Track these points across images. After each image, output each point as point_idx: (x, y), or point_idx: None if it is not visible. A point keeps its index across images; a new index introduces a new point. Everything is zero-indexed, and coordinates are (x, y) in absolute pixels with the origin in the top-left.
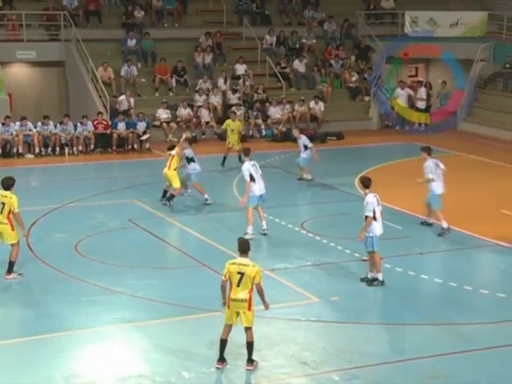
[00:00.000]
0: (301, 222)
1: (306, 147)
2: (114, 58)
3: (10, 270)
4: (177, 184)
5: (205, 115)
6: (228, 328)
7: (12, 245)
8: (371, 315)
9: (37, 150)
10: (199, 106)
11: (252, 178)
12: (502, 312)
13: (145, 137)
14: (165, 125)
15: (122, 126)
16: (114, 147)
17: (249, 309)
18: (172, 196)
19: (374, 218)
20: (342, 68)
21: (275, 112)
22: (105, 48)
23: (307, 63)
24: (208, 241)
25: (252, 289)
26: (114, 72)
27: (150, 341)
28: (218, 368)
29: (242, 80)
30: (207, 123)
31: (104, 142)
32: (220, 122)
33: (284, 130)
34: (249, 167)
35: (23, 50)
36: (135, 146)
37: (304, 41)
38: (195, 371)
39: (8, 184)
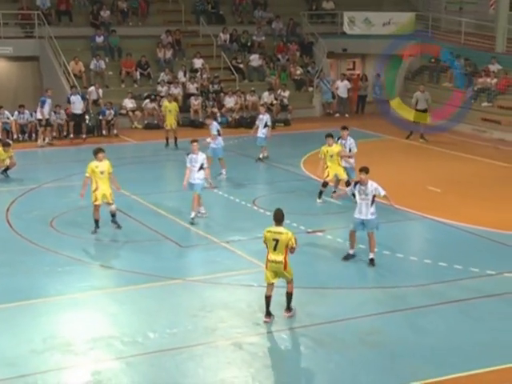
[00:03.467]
0: (253, 199)
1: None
2: (83, 53)
3: None
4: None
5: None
6: (270, 286)
7: None
8: (317, 281)
9: (15, 136)
10: (162, 96)
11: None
12: (430, 275)
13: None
14: (130, 113)
15: (110, 113)
16: (85, 134)
17: (285, 268)
18: None
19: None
20: (288, 62)
21: (230, 101)
22: (75, 44)
23: (258, 58)
24: (171, 217)
25: (287, 252)
26: (84, 66)
27: (118, 306)
28: (265, 322)
29: (199, 73)
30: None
31: (76, 129)
32: (181, 111)
33: (237, 117)
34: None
35: (1, 45)
36: (104, 132)
37: (254, 38)
38: (159, 332)
39: None
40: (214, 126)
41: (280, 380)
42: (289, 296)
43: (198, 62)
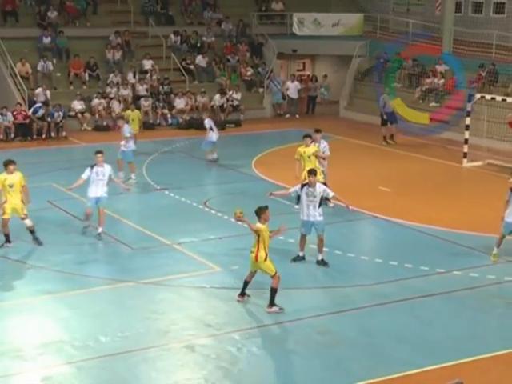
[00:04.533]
0: (204, 201)
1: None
2: (30, 54)
3: None
4: None
5: (116, 106)
6: (250, 273)
7: None
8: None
9: None
10: (111, 98)
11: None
12: (380, 275)
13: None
14: (79, 115)
15: (59, 115)
16: (34, 136)
17: (255, 259)
18: None
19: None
20: (238, 63)
21: (180, 103)
22: (22, 45)
23: (208, 59)
24: (120, 218)
25: (258, 245)
26: (31, 67)
27: (69, 310)
28: (238, 300)
29: (149, 74)
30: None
31: (24, 131)
32: None
33: (188, 118)
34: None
35: None
36: (52, 134)
37: (204, 39)
38: (111, 335)
39: None
40: (126, 129)
41: (233, 381)
42: (272, 291)
43: (147, 64)
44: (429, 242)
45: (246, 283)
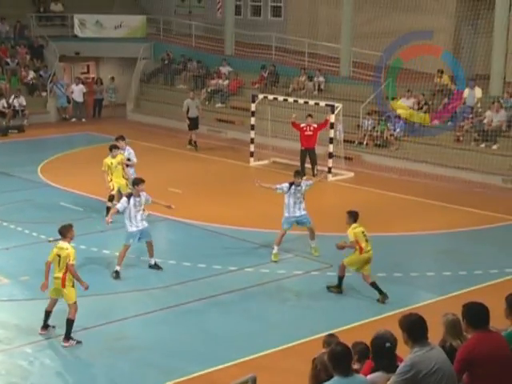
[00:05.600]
0: None
1: None
2: None
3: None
4: None
5: None
6: (52, 301)
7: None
8: None
9: None
10: None
11: None
12: (174, 276)
13: None
14: None
15: None
16: None
17: (62, 286)
18: None
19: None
20: (18, 66)
21: None
22: None
23: None
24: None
25: (66, 269)
26: None
27: None
28: (40, 333)
29: None
30: None
31: None
32: None
33: None
34: None
35: None
36: None
37: None
38: None
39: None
40: None
41: None
42: (69, 323)
43: None
44: (220, 240)
45: (48, 313)
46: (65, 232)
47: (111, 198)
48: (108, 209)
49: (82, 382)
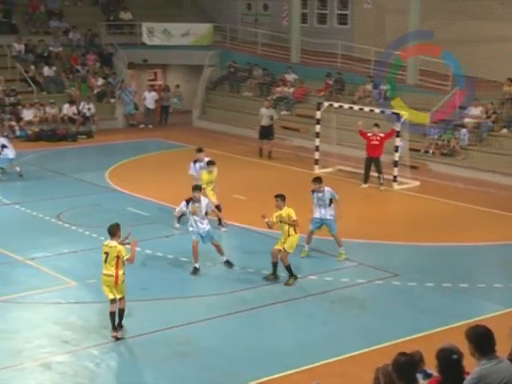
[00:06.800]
0: (57, 214)
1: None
2: None
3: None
4: None
5: None
6: (112, 303)
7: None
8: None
9: None
10: None
11: None
12: (241, 283)
13: None
14: None
15: None
16: None
17: (115, 283)
18: None
19: None
20: (88, 73)
21: (28, 114)
22: None
23: (56, 69)
24: None
25: (118, 266)
26: None
27: None
28: (113, 336)
29: None
30: None
31: None
32: None
33: (37, 130)
34: None
35: None
36: None
37: (51, 48)
38: None
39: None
40: None
41: None
42: (120, 313)
43: None
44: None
45: (112, 315)
46: (114, 231)
47: (219, 208)
48: (220, 220)
49: None
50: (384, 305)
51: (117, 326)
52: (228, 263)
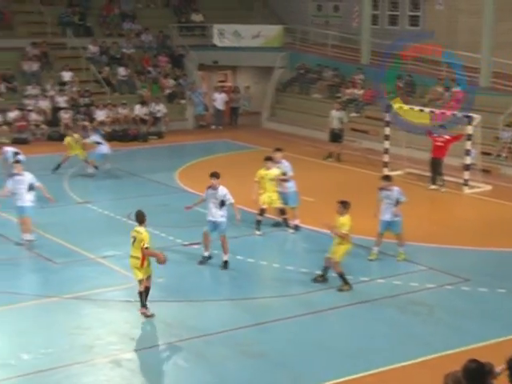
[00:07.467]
0: (127, 214)
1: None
2: None
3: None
4: None
5: (34, 118)
6: (140, 283)
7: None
8: (193, 294)
9: None
10: (29, 110)
11: None
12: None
13: None
14: None
15: None
16: None
17: (141, 265)
18: None
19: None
20: (159, 75)
21: (101, 115)
22: None
23: (129, 70)
24: (42, 233)
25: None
26: None
27: None
28: (142, 313)
29: (69, 86)
30: (37, 126)
31: None
32: (50, 125)
33: (109, 130)
34: None
35: None
36: None
37: (124, 50)
38: (34, 352)
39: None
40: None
41: None
42: (146, 290)
43: (66, 75)
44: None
45: (140, 294)
46: (141, 218)
47: (262, 213)
48: (258, 222)
49: None
50: (453, 310)
51: (145, 304)
52: (225, 264)
